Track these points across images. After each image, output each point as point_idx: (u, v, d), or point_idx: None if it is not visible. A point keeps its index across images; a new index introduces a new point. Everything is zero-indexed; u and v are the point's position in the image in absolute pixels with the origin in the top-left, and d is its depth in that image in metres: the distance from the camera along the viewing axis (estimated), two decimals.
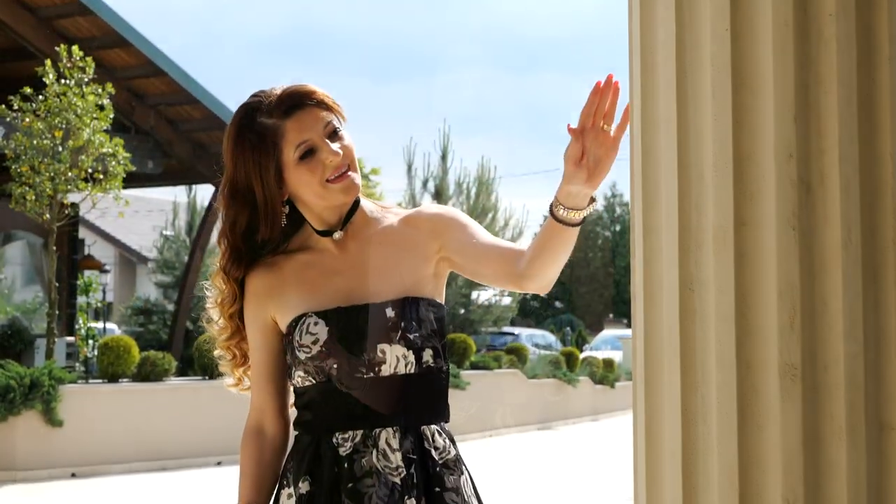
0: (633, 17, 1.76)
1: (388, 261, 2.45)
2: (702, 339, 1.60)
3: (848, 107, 1.57)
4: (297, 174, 2.37)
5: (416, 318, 2.38)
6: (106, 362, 13.92)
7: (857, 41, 1.58)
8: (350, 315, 2.36)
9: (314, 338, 2.35)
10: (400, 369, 2.33)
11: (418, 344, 2.35)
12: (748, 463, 1.56)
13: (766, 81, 1.57)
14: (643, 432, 1.69)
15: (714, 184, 1.59)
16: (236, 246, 2.47)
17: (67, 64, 13.43)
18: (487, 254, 2.43)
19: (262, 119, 2.38)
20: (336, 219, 2.45)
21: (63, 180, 13.32)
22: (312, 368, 2.36)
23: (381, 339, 2.34)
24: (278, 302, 2.44)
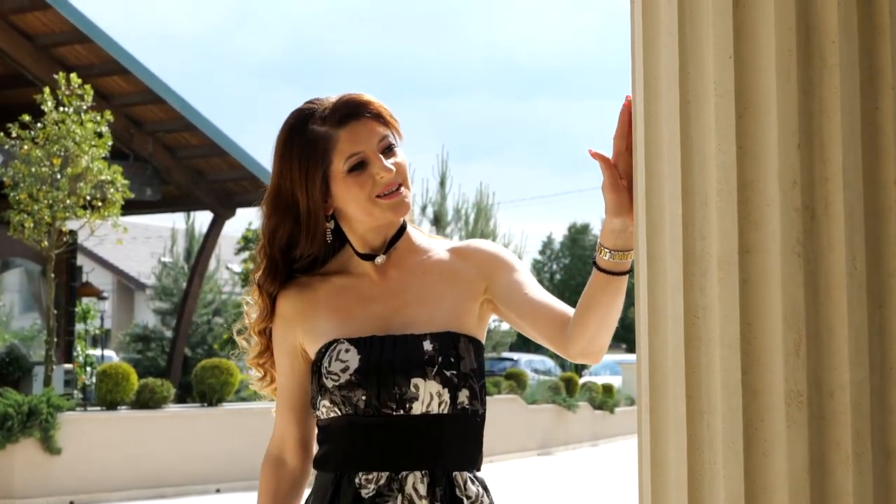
0: (635, 43, 1.77)
1: (431, 291, 2.31)
2: (707, 366, 1.60)
3: (852, 134, 1.57)
4: (345, 187, 2.24)
5: (456, 354, 2.22)
6: (104, 389, 13.90)
7: (860, 68, 1.58)
8: (385, 345, 2.22)
9: (344, 365, 2.21)
10: (433, 408, 2.18)
11: (454, 382, 2.20)
12: (754, 490, 1.55)
13: (769, 108, 1.57)
14: (648, 460, 1.68)
15: (718, 211, 1.59)
16: (273, 259, 2.34)
17: (66, 91, 13.48)
18: (535, 311, 2.29)
19: (313, 126, 2.26)
20: (380, 242, 2.32)
21: (61, 207, 13.35)
22: (339, 398, 2.21)
23: (416, 374, 2.18)
24: (308, 326, 2.31)
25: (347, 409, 2.20)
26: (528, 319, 2.29)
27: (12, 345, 19.30)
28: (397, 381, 2.18)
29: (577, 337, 2.23)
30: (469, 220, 24.80)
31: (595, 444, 23.45)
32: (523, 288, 2.33)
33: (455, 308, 2.28)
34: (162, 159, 18.20)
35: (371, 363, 2.19)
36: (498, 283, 2.32)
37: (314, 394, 2.27)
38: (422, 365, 2.18)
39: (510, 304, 2.30)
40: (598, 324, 2.20)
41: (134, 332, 26.66)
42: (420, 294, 2.29)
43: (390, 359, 2.19)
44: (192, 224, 26.70)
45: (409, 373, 2.18)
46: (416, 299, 2.29)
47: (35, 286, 20.82)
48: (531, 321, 2.29)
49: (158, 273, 28.12)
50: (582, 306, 2.21)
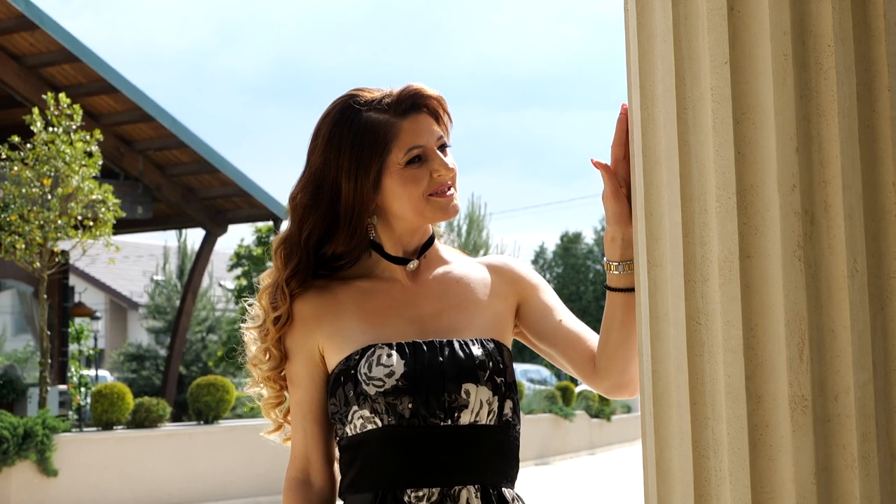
0: (630, 52, 1.77)
1: (469, 299, 2.19)
2: (710, 373, 1.59)
3: (849, 137, 1.57)
4: (400, 180, 2.12)
5: (503, 361, 2.11)
6: (100, 410, 13.86)
7: (856, 71, 1.58)
8: (431, 350, 2.08)
9: (388, 370, 2.05)
10: (481, 417, 2.07)
11: (503, 391, 2.09)
12: (761, 496, 1.55)
13: (767, 113, 1.57)
14: (654, 468, 1.68)
15: (718, 216, 1.59)
16: (306, 254, 2.16)
17: (55, 111, 13.45)
18: (568, 341, 2.19)
19: (370, 114, 2.13)
20: (413, 246, 2.20)
21: (53, 228, 13.31)
22: (383, 406, 2.04)
23: (468, 379, 2.06)
24: (331, 330, 2.14)
25: (390, 420, 2.05)
26: (560, 349, 2.20)
27: (6, 367, 19.24)
28: (447, 388, 2.05)
29: (606, 370, 2.15)
30: (462, 231, 24.82)
31: (592, 453, 23.43)
32: (555, 314, 2.23)
33: (495, 317, 2.18)
34: (152, 177, 18.18)
35: (417, 368, 2.05)
36: (529, 305, 2.23)
37: (343, 405, 2.10)
38: (473, 369, 2.07)
39: (540, 329, 2.22)
40: (623, 349, 2.12)
41: (128, 352, 26.61)
42: (458, 300, 2.18)
43: (439, 363, 2.06)
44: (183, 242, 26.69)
45: (460, 378, 2.06)
46: (455, 305, 2.17)
47: (27, 307, 20.77)
48: (562, 351, 2.20)
49: (151, 291, 28.10)
50: (604, 336, 2.15)
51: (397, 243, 2.20)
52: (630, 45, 1.77)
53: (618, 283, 2.12)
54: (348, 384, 2.08)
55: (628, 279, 2.11)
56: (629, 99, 1.81)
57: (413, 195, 2.12)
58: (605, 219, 2.08)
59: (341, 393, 2.10)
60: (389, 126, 2.12)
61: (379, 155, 2.12)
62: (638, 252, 1.75)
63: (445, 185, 2.15)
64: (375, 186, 2.13)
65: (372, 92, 2.17)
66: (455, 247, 2.40)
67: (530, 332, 2.23)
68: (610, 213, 2.05)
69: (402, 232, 2.19)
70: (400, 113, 2.14)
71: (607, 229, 2.09)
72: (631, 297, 2.10)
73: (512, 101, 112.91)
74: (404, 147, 2.12)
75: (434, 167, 2.14)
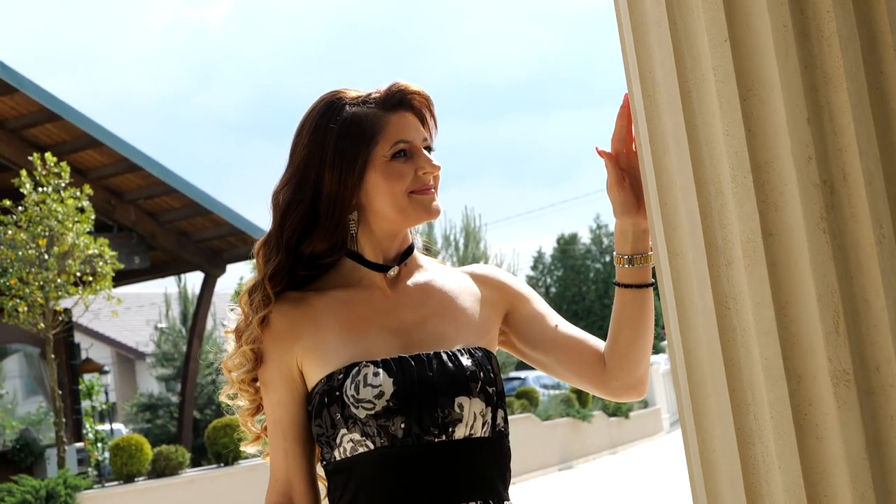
0: (625, 39, 1.73)
1: (453, 307, 2.12)
2: (746, 357, 1.55)
3: (860, 101, 1.53)
4: (384, 174, 2.06)
5: (492, 370, 2.04)
6: (119, 463, 13.82)
7: (859, 34, 1.55)
8: (419, 364, 2.00)
9: (377, 390, 1.97)
10: (476, 430, 2.00)
11: (495, 401, 2.03)
12: (813, 477, 1.51)
13: (773, 87, 1.53)
14: (698, 461, 1.63)
15: (735, 197, 1.55)
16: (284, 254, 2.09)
17: (42, 171, 13.43)
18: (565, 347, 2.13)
19: (356, 108, 2.09)
20: (394, 253, 2.14)
21: (53, 287, 13.27)
22: (375, 428, 1.96)
23: (460, 391, 1.99)
24: (309, 343, 2.06)
25: (383, 441, 1.97)
26: (556, 356, 2.14)
27: (21, 431, 19.17)
28: (440, 402, 1.97)
29: (615, 369, 2.10)
30: (459, 245, 24.76)
31: (614, 452, 23.36)
32: (549, 320, 2.16)
33: (480, 324, 2.12)
34: (146, 226, 18.15)
35: (408, 385, 1.97)
36: (519, 313, 2.17)
37: (330, 428, 2.01)
38: (465, 381, 1.99)
39: (534, 337, 2.15)
40: (633, 348, 2.08)
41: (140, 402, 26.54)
42: (441, 308, 2.11)
43: (429, 378, 1.99)
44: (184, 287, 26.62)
45: (452, 391, 1.98)
46: (438, 313, 2.10)
47: (36, 369, 20.71)
48: (559, 358, 2.14)
49: (157, 340, 28.02)
50: (612, 334, 2.10)
51: (377, 248, 2.13)
52: (623, 32, 1.73)
53: (629, 279, 2.07)
54: (334, 406, 2.00)
55: (640, 274, 2.07)
56: (629, 88, 1.77)
57: (396, 191, 2.07)
58: (613, 210, 2.04)
59: (327, 415, 2.01)
60: (377, 119, 2.09)
61: (364, 147, 2.07)
62: (657, 243, 1.71)
63: (429, 183, 2.11)
64: (359, 180, 2.07)
65: (357, 90, 2.14)
66: (454, 261, 2.36)
67: (522, 340, 2.17)
68: (616, 204, 2.02)
69: (382, 235, 2.12)
70: (387, 108, 2.11)
71: (617, 222, 2.05)
72: (642, 294, 2.07)
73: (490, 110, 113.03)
74: (391, 140, 2.08)
75: (420, 164, 2.10)
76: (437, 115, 2.17)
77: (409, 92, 2.13)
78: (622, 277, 2.08)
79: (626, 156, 1.99)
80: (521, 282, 2.23)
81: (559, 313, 2.21)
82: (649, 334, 2.10)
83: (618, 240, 2.06)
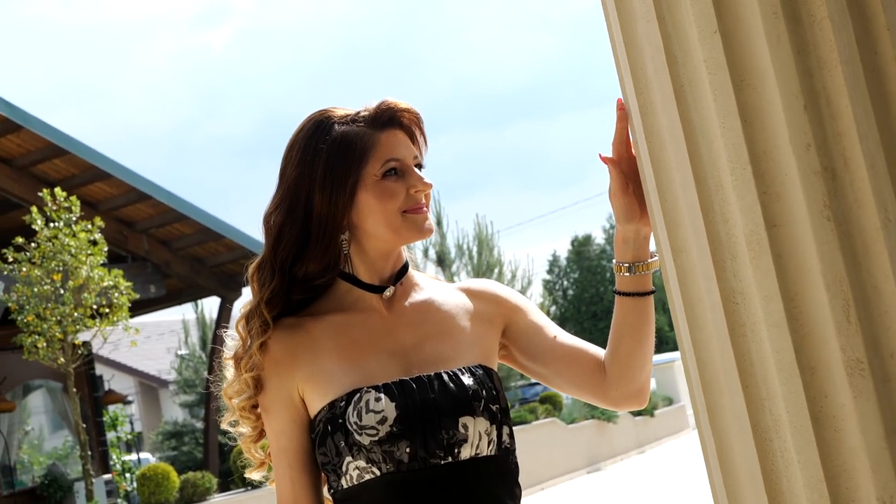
0: (614, 37, 1.71)
1: (451, 325, 2.09)
2: (757, 352, 1.53)
3: (856, 84, 1.50)
4: (375, 193, 2.03)
5: (494, 387, 2.02)
6: (147, 492, 13.82)
7: (850, 17, 1.52)
8: (420, 386, 1.98)
9: (380, 416, 1.94)
10: (481, 450, 1.97)
11: (499, 418, 2.00)
12: (833, 470, 1.48)
13: (767, 76, 1.51)
14: (716, 460, 1.60)
15: (736, 190, 1.52)
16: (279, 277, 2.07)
17: (53, 207, 13.46)
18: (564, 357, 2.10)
19: (346, 127, 2.06)
20: (388, 273, 2.11)
21: (70, 321, 13.28)
22: (379, 455, 1.94)
23: (463, 412, 1.96)
24: (310, 370, 2.03)
25: (388, 467, 1.94)
26: (556, 368, 2.11)
27: (49, 466, 19.19)
28: (444, 424, 1.95)
29: (616, 378, 2.07)
30: (472, 253, 24.71)
31: (642, 451, 23.28)
32: (547, 332, 2.13)
33: (479, 342, 2.09)
34: (159, 254, 18.17)
35: (410, 409, 1.95)
36: (518, 326, 2.14)
37: (335, 456, 1.99)
38: (468, 401, 1.97)
39: (533, 350, 2.13)
40: (634, 357, 2.05)
41: (165, 430, 26.55)
42: (439, 327, 2.08)
43: (432, 400, 1.96)
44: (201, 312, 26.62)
45: (455, 412, 1.96)
46: (436, 333, 2.07)
47: (60, 404, 20.74)
48: (559, 370, 2.11)
49: (177, 367, 28.02)
50: (613, 343, 2.07)
51: (371, 268, 2.10)
52: (612, 30, 1.71)
53: (629, 287, 2.05)
54: (337, 434, 1.97)
55: (639, 282, 2.04)
56: (622, 87, 1.75)
57: (388, 210, 2.04)
58: (615, 218, 2.00)
59: (331, 443, 1.99)
60: (367, 137, 2.06)
61: (355, 166, 2.04)
62: (660, 241, 1.68)
63: (421, 202, 2.07)
64: (350, 200, 2.05)
65: (346, 109, 2.11)
66: (469, 269, 2.34)
67: (522, 353, 2.14)
68: (619, 210, 1.98)
69: (375, 255, 2.09)
70: (377, 126, 2.08)
71: (618, 229, 2.01)
72: (642, 301, 2.04)
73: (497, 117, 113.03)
74: (381, 159, 2.05)
75: (411, 182, 2.06)
76: (426, 133, 2.14)
77: (398, 109, 2.10)
78: (622, 286, 2.05)
79: (628, 160, 1.96)
80: (517, 294, 2.20)
81: (578, 315, 2.21)
82: (650, 342, 2.07)
83: (618, 247, 2.03)
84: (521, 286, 25.35)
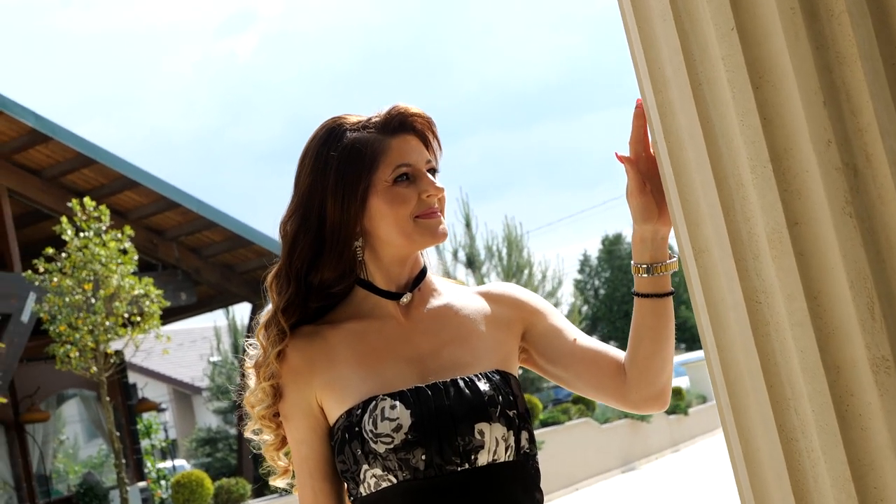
0: (631, 37, 1.70)
1: (469, 331, 2.08)
2: (781, 351, 1.51)
3: (876, 79, 1.49)
4: (387, 199, 2.02)
5: (512, 392, 2.00)
6: (182, 500, 13.87)
7: (869, 10, 1.50)
8: (436, 393, 1.96)
9: (395, 424, 1.93)
10: (499, 455, 1.95)
11: (517, 423, 1.98)
12: (861, 469, 1.46)
13: (785, 72, 1.49)
14: (742, 460, 1.59)
15: (756, 188, 1.51)
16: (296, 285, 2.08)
17: (82, 217, 13.53)
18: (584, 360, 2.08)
19: (357, 133, 2.05)
20: (405, 279, 2.10)
21: (102, 330, 13.35)
22: (396, 463, 1.93)
23: (479, 418, 1.94)
24: (327, 378, 2.03)
25: (405, 475, 1.93)
26: (576, 370, 2.09)
27: (84, 475, 19.30)
28: (460, 431, 1.93)
29: (635, 381, 2.05)
30: (502, 255, 24.68)
31: (676, 450, 23.18)
32: (566, 335, 2.12)
33: (498, 347, 2.07)
34: (190, 262, 18.24)
35: (425, 416, 1.94)
36: (537, 329, 2.12)
37: (353, 464, 1.98)
38: (484, 407, 1.95)
39: (553, 353, 2.11)
40: (654, 359, 2.03)
41: (199, 437, 26.65)
42: (457, 334, 2.07)
43: (447, 407, 1.95)
44: (232, 319, 26.71)
45: (471, 418, 1.94)
46: (454, 339, 2.06)
47: (94, 412, 20.86)
48: (579, 372, 2.09)
49: (210, 374, 28.13)
50: (632, 345, 2.05)
51: (387, 275, 2.09)
52: (629, 30, 1.70)
53: (647, 289, 2.03)
54: (354, 442, 1.97)
55: (658, 283, 2.02)
56: (639, 86, 1.73)
57: (400, 215, 2.03)
58: (632, 217, 1.98)
59: (349, 451, 1.98)
60: (377, 143, 2.05)
61: (366, 172, 2.04)
62: (681, 241, 1.67)
63: (434, 206, 2.06)
64: (362, 206, 2.04)
65: (359, 115, 2.10)
66: (499, 271, 2.33)
67: (541, 357, 2.13)
68: (636, 210, 1.96)
69: (390, 261, 2.09)
70: (388, 132, 2.06)
71: (635, 229, 1.99)
72: (661, 303, 2.02)
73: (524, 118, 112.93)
74: (392, 164, 2.04)
75: (423, 187, 2.05)
76: (440, 136, 2.12)
77: (409, 114, 2.08)
78: (641, 287, 2.03)
79: (646, 160, 1.94)
80: (537, 297, 2.19)
81: (610, 314, 2.20)
82: (670, 344, 2.05)
83: (635, 248, 2.01)
84: (551, 286, 25.31)
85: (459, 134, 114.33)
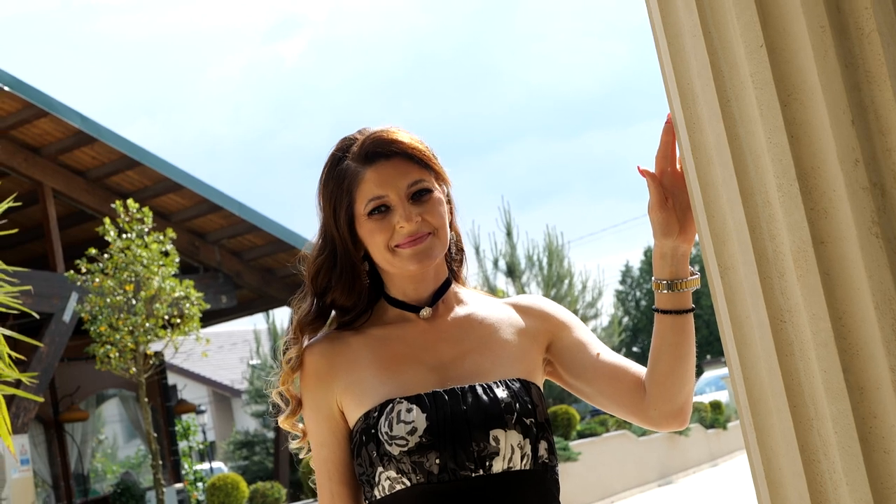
0: (661, 52, 1.69)
1: (492, 340, 2.08)
2: (805, 371, 1.50)
3: None
4: (364, 232, 2.06)
5: (531, 401, 1.99)
6: (217, 502, 13.93)
7: None
8: (453, 398, 1.96)
9: (410, 427, 1.93)
10: (515, 463, 1.94)
11: (534, 432, 1.96)
12: (883, 492, 1.45)
13: (814, 90, 1.48)
14: (763, 480, 1.58)
15: (783, 207, 1.50)
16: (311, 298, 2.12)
17: (125, 218, 13.66)
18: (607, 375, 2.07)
19: (345, 162, 2.07)
20: (430, 291, 2.11)
21: (142, 332, 13.46)
22: (409, 465, 1.93)
23: (494, 424, 1.94)
24: (348, 381, 2.04)
25: (419, 478, 1.93)
26: (598, 385, 2.08)
27: (122, 475, 19.44)
28: (475, 437, 1.93)
29: (656, 399, 2.03)
30: (542, 264, 24.64)
31: (715, 465, 23.02)
32: (590, 349, 2.11)
33: (521, 357, 2.06)
34: (231, 265, 18.35)
35: (441, 420, 1.93)
36: (562, 343, 2.12)
37: (369, 466, 1.99)
38: (500, 414, 1.94)
39: (576, 367, 2.10)
40: (673, 376, 2.01)
41: (237, 440, 26.78)
42: (480, 342, 2.07)
43: (463, 412, 1.94)
44: (272, 322, 26.83)
45: (486, 425, 1.93)
46: (477, 348, 2.06)
47: (132, 413, 21.01)
48: (601, 387, 2.08)
49: (249, 377, 28.26)
50: (652, 361, 2.03)
51: (401, 291, 2.12)
52: (660, 45, 1.69)
53: (668, 305, 2.01)
54: (370, 444, 1.97)
55: (679, 300, 2.01)
56: (669, 101, 1.73)
57: (378, 246, 2.06)
58: (653, 232, 1.97)
59: (365, 454, 1.99)
60: (354, 176, 2.06)
61: (347, 205, 2.07)
62: (707, 258, 1.66)
63: (414, 234, 2.04)
64: (354, 235, 2.09)
65: (363, 133, 2.10)
66: (539, 280, 2.33)
67: (565, 370, 2.12)
68: (657, 225, 1.96)
69: (400, 281, 2.11)
70: (366, 161, 2.06)
71: (656, 244, 1.98)
72: (682, 319, 2.01)
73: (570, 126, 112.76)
74: (364, 199, 2.05)
75: (395, 221, 2.04)
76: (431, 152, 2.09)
77: (383, 141, 2.06)
78: (661, 303, 2.02)
79: (671, 175, 1.94)
80: (564, 311, 2.18)
81: (650, 326, 2.17)
82: (690, 361, 2.03)
83: (656, 264, 2.00)
84: (591, 297, 25.23)
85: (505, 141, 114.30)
